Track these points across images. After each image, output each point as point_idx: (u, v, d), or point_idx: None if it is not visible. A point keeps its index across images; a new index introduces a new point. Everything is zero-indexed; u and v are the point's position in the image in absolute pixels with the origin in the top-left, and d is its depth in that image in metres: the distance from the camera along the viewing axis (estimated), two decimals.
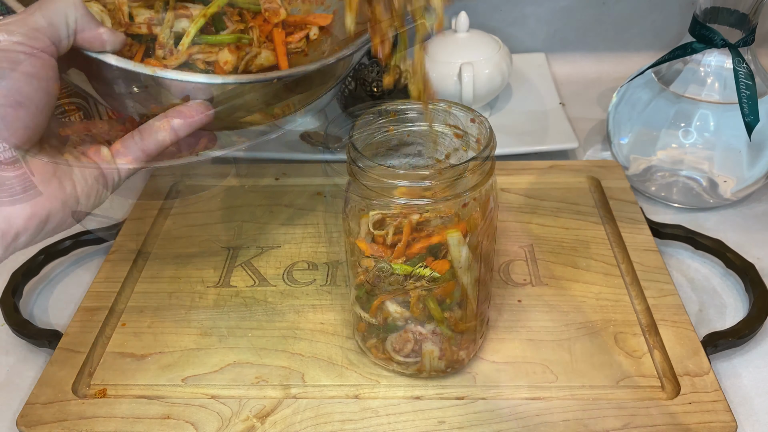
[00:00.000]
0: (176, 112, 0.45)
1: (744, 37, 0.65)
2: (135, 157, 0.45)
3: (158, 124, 0.45)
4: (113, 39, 0.43)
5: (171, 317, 0.60)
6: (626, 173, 0.74)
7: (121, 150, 0.45)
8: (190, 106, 0.45)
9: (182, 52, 0.53)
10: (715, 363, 0.56)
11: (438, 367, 0.52)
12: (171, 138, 0.45)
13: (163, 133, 0.45)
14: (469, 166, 0.44)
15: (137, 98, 0.46)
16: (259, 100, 0.47)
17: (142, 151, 0.45)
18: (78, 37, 0.41)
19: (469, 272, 0.48)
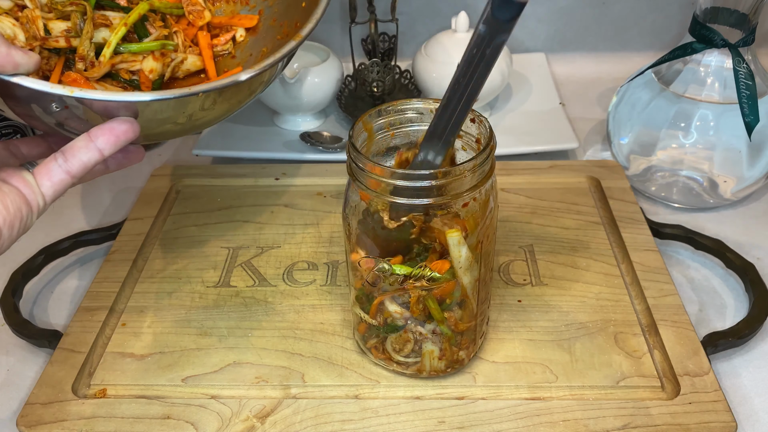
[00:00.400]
0: (100, 130, 0.43)
1: (744, 37, 0.65)
2: (60, 180, 0.43)
3: (81, 145, 0.42)
4: (26, 61, 0.40)
5: (171, 317, 0.60)
6: (626, 173, 0.74)
7: (45, 173, 0.43)
8: (114, 123, 0.43)
9: (104, 63, 0.52)
10: (715, 363, 0.56)
11: (438, 367, 0.52)
12: (96, 158, 0.43)
13: (88, 154, 0.42)
14: (469, 166, 0.43)
15: (58, 117, 0.44)
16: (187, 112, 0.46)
17: (66, 173, 0.43)
18: None
19: (469, 272, 0.48)
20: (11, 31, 0.50)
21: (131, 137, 0.43)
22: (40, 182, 0.42)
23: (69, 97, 0.40)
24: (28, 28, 0.51)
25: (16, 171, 0.43)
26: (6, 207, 0.41)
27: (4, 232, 0.41)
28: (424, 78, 0.84)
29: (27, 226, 0.42)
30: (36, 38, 0.51)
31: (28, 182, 0.42)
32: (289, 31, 0.57)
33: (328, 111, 0.89)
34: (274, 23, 0.60)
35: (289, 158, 0.80)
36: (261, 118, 0.88)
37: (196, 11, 0.58)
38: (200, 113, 0.47)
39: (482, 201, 0.46)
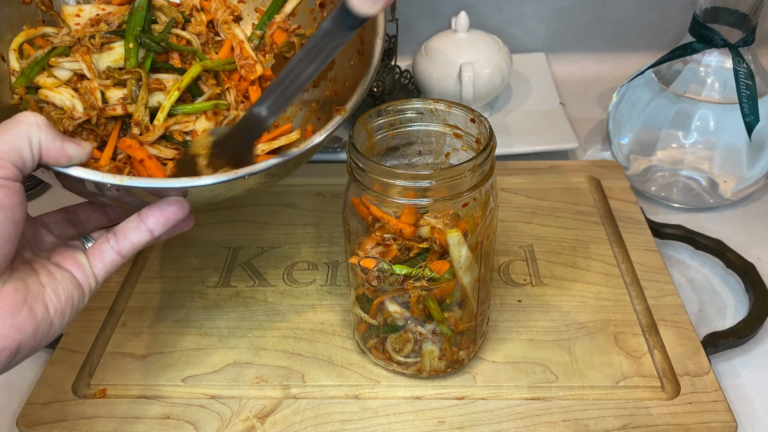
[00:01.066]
0: (150, 211, 0.43)
1: (744, 37, 0.65)
2: (111, 261, 0.43)
3: (132, 226, 0.43)
4: (79, 152, 0.41)
5: (171, 317, 0.60)
6: (626, 173, 0.74)
7: (97, 255, 0.43)
8: (164, 204, 0.43)
9: (158, 127, 0.53)
10: (715, 363, 0.56)
11: (438, 367, 0.52)
12: (147, 238, 0.43)
13: (139, 235, 0.43)
14: (469, 166, 0.43)
15: (110, 196, 0.45)
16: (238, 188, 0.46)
17: (117, 253, 0.43)
18: (43, 156, 0.39)
19: (469, 272, 0.48)
20: (70, 103, 0.52)
21: (181, 217, 0.44)
22: (92, 264, 0.43)
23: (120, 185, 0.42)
24: (86, 98, 0.53)
25: (70, 253, 0.43)
26: (58, 296, 0.41)
27: (56, 321, 0.40)
28: (424, 78, 0.84)
29: (78, 309, 0.42)
30: (94, 107, 0.52)
31: (82, 265, 0.43)
32: (338, 88, 0.57)
33: None
34: (324, 79, 0.60)
35: None
36: None
37: (248, 65, 0.59)
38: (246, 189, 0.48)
39: (482, 201, 0.46)
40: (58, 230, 0.47)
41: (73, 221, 0.48)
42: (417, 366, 0.52)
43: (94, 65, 0.53)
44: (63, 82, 0.53)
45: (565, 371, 0.53)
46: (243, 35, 0.60)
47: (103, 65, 0.54)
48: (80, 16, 0.56)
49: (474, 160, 0.44)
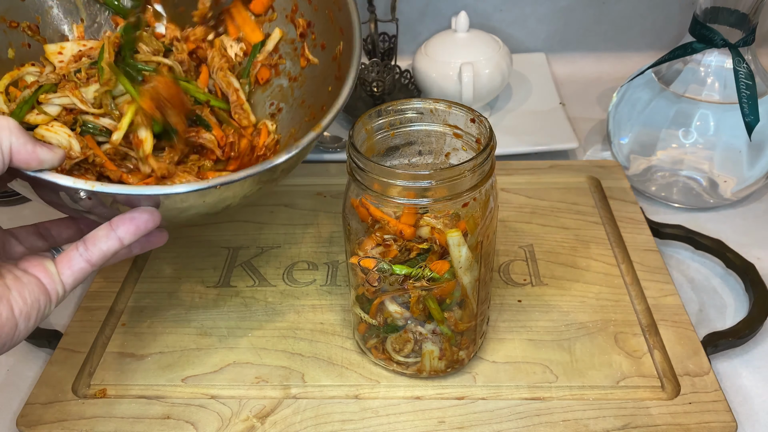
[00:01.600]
0: (121, 220, 0.43)
1: (744, 37, 0.65)
2: (80, 268, 0.43)
3: (102, 234, 0.43)
4: (51, 156, 0.41)
5: (171, 317, 0.60)
6: (626, 173, 0.74)
7: (66, 262, 0.43)
8: (135, 213, 0.44)
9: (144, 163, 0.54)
10: (715, 363, 0.56)
11: (438, 367, 0.52)
12: (116, 246, 0.43)
13: (108, 243, 0.43)
14: (469, 166, 0.43)
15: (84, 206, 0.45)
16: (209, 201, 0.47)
17: (86, 261, 0.43)
18: (14, 159, 0.39)
19: (469, 272, 0.48)
20: (66, 142, 0.52)
21: (151, 226, 0.44)
22: (60, 271, 0.43)
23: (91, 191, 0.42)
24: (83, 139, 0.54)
25: (38, 260, 0.43)
26: (24, 298, 0.41)
27: (20, 323, 0.41)
28: (424, 78, 0.84)
29: (45, 314, 0.43)
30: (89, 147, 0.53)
31: (49, 271, 0.43)
32: (316, 113, 0.59)
33: None
34: (302, 104, 0.62)
35: None
36: None
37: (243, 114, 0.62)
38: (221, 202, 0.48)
39: (482, 201, 0.46)
40: (28, 243, 0.48)
41: (45, 236, 0.49)
42: (417, 366, 0.52)
43: (86, 98, 0.55)
44: (53, 117, 0.54)
45: (565, 371, 0.53)
46: (238, 84, 0.62)
47: (91, 96, 0.55)
48: (63, 54, 0.58)
49: (474, 160, 0.44)
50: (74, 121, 0.54)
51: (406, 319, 0.50)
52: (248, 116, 0.62)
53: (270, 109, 0.64)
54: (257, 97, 0.65)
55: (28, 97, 0.54)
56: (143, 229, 0.44)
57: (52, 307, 0.43)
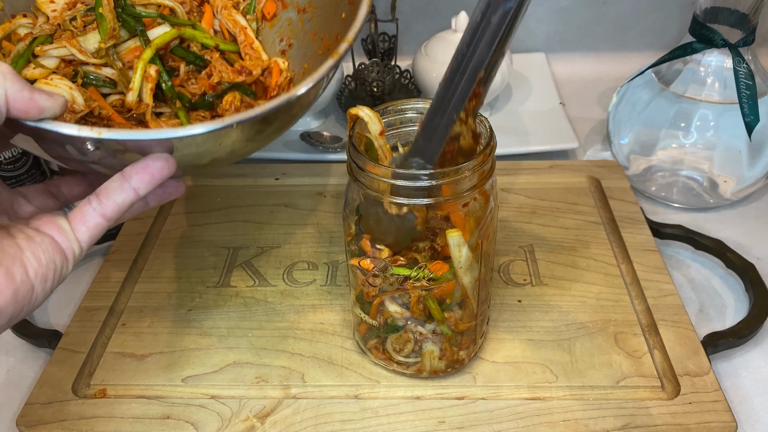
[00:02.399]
0: (134, 169, 0.40)
1: (744, 37, 0.65)
2: (95, 224, 0.40)
3: (115, 186, 0.40)
4: (51, 104, 0.38)
5: (171, 317, 0.60)
6: (626, 173, 0.74)
7: (80, 218, 0.40)
8: (149, 161, 0.41)
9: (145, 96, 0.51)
10: (715, 363, 0.56)
11: (438, 367, 0.52)
12: (131, 198, 0.41)
13: (123, 194, 0.40)
14: (469, 166, 0.43)
15: (93, 158, 0.42)
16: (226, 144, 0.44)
17: (101, 216, 0.40)
18: (11, 108, 0.37)
19: (469, 272, 0.48)
20: (69, 95, 0.49)
21: (167, 174, 0.41)
22: (75, 228, 0.40)
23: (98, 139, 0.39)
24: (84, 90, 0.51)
25: (50, 218, 0.41)
26: (38, 259, 0.38)
27: (37, 286, 0.38)
28: (424, 78, 0.84)
29: (62, 276, 0.40)
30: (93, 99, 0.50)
31: (63, 229, 0.40)
32: (330, 45, 0.55)
33: (328, 111, 0.89)
34: (314, 37, 0.58)
35: (289, 158, 0.80)
36: None
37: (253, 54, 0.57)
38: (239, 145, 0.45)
39: (482, 201, 0.46)
40: (38, 202, 0.45)
41: (55, 194, 0.47)
42: (417, 366, 0.52)
43: (84, 47, 0.51)
44: (52, 70, 0.50)
45: (565, 371, 0.53)
46: (245, 22, 0.58)
47: (91, 46, 0.51)
48: (55, 2, 0.53)
49: (474, 160, 0.44)
50: (75, 74, 0.51)
51: (406, 319, 0.50)
52: (260, 55, 0.57)
53: (280, 45, 0.60)
54: (265, 34, 0.60)
55: (23, 50, 0.50)
56: (158, 178, 0.41)
57: (70, 267, 0.41)
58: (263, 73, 0.57)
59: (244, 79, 0.55)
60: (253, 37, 0.58)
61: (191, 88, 0.55)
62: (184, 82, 0.55)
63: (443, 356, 0.52)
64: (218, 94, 0.54)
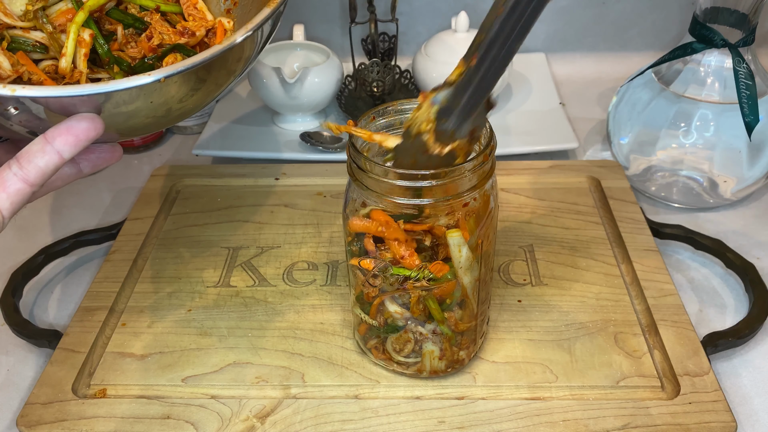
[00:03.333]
0: (57, 130, 0.38)
1: (744, 37, 0.65)
2: (16, 190, 0.38)
3: (37, 149, 0.38)
4: None
5: (171, 317, 0.60)
6: (626, 173, 0.74)
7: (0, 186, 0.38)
8: (72, 121, 0.38)
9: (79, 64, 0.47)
10: (715, 363, 0.56)
11: (438, 367, 0.52)
12: (56, 162, 0.38)
13: (45, 158, 0.38)
14: (469, 166, 0.43)
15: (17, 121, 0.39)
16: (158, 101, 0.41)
17: (23, 181, 0.38)
18: None
19: (469, 272, 0.48)
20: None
21: (93, 136, 0.38)
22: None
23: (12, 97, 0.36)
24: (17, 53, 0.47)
25: None
26: None
27: None
28: (424, 78, 0.84)
29: None
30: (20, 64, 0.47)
31: None
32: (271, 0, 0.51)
33: (328, 111, 0.89)
34: None
35: (289, 158, 0.80)
36: (261, 118, 0.88)
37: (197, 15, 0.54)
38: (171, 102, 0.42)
39: (482, 201, 0.46)
40: None
41: None
42: (417, 366, 0.52)
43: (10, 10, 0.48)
44: None
45: (565, 371, 0.53)
46: None
47: (17, 8, 0.48)
48: None
49: (474, 160, 0.44)
50: (1, 38, 0.48)
51: (406, 319, 0.50)
52: (204, 15, 0.54)
53: (225, 5, 0.57)
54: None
55: None
56: (84, 139, 0.38)
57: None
58: (207, 35, 0.54)
59: (186, 40, 0.52)
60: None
61: (130, 52, 0.52)
62: (123, 45, 0.52)
63: (443, 356, 0.52)
64: (159, 56, 0.51)
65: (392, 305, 0.50)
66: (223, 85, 0.46)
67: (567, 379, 0.53)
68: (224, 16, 0.55)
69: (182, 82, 0.40)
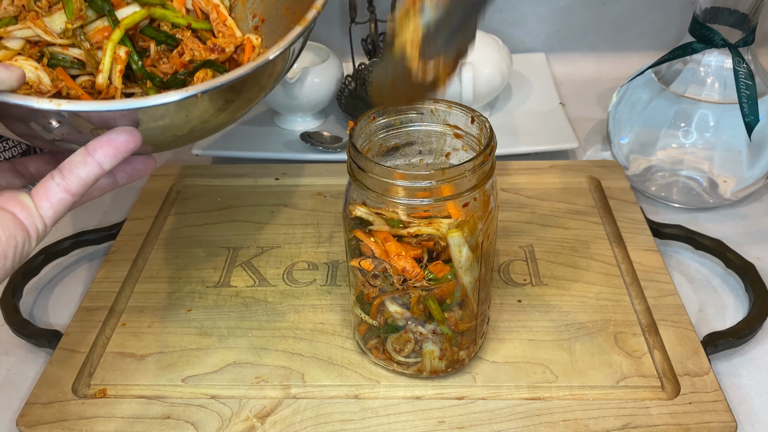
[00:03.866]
0: (98, 143, 0.40)
1: (744, 37, 0.65)
2: (59, 200, 0.40)
3: (78, 160, 0.39)
4: (8, 75, 0.38)
5: (171, 317, 0.60)
6: (626, 173, 0.74)
7: (42, 194, 0.39)
8: (113, 134, 0.40)
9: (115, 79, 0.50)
10: (715, 363, 0.56)
11: (438, 367, 0.52)
12: (96, 173, 0.40)
13: (87, 169, 0.39)
14: (469, 166, 0.43)
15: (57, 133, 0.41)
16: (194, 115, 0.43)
17: (65, 191, 0.39)
18: None
19: (469, 272, 0.48)
20: (35, 76, 0.48)
21: (132, 148, 0.40)
22: (38, 204, 0.40)
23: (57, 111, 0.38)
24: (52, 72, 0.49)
25: (12, 194, 0.40)
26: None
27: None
28: None
29: (25, 252, 0.40)
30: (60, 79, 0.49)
31: (25, 205, 0.39)
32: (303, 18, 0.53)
33: (328, 111, 0.89)
34: (287, 12, 0.57)
35: (289, 158, 0.80)
36: (261, 118, 0.88)
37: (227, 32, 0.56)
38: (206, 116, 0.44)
39: (482, 201, 0.46)
40: (3, 180, 0.44)
41: (22, 173, 0.46)
42: (417, 366, 0.52)
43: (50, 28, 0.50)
44: (17, 52, 0.49)
45: (565, 371, 0.53)
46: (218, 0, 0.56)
47: (57, 27, 0.50)
48: None
49: (474, 160, 0.44)
50: (41, 55, 0.50)
51: (406, 319, 0.50)
52: (233, 32, 0.56)
53: (253, 21, 0.59)
54: (237, 11, 0.59)
55: None
56: (123, 151, 0.40)
57: (33, 244, 0.40)
58: (236, 51, 0.56)
59: (216, 56, 0.54)
60: (226, 14, 0.56)
61: (163, 68, 0.54)
62: (156, 62, 0.54)
63: (443, 356, 0.52)
64: (190, 72, 0.53)
65: (392, 305, 0.50)
66: (255, 99, 0.48)
67: (567, 379, 0.53)
68: (252, 33, 0.58)
69: (216, 97, 0.42)
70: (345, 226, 0.50)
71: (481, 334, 0.54)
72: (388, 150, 0.51)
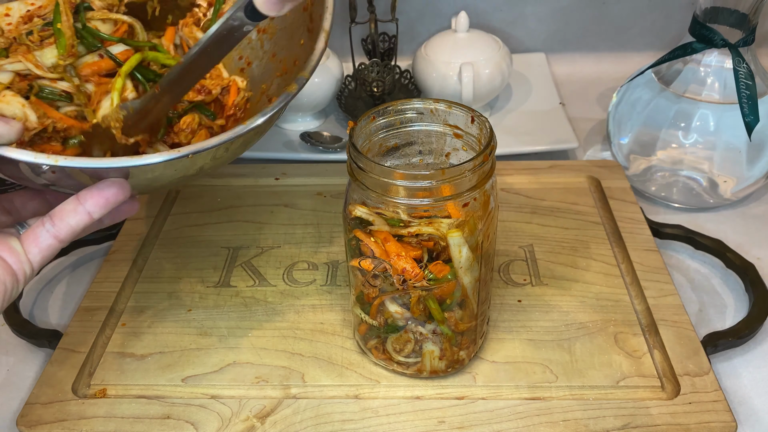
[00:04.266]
0: (89, 193, 0.41)
1: (744, 37, 0.65)
2: (47, 245, 0.41)
3: (69, 208, 0.41)
4: (7, 131, 0.39)
5: (171, 317, 0.60)
6: (626, 173, 0.74)
7: (32, 240, 0.41)
8: (103, 186, 0.42)
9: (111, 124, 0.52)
10: (715, 363, 0.56)
11: (438, 367, 0.52)
12: (86, 222, 0.41)
13: (77, 217, 0.41)
14: (469, 166, 0.43)
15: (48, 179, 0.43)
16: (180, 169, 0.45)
17: (54, 237, 0.41)
18: None
19: (469, 272, 0.48)
20: (21, 113, 0.49)
21: (121, 199, 0.42)
22: (27, 249, 0.41)
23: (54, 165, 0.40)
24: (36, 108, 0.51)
25: (2, 238, 0.41)
26: None
27: None
28: (424, 78, 0.84)
29: (11, 296, 0.41)
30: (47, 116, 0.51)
31: (15, 251, 0.41)
32: (288, 69, 0.56)
33: (328, 111, 0.89)
34: (273, 59, 0.59)
35: (289, 158, 0.80)
36: None
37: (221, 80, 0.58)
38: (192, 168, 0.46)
39: (482, 201, 0.46)
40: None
41: (8, 209, 0.47)
42: (417, 366, 0.52)
43: (41, 62, 0.51)
44: (6, 85, 0.51)
45: (565, 371, 0.53)
46: None
47: (48, 61, 0.52)
48: (10, 15, 0.54)
49: (474, 160, 0.44)
50: (29, 88, 0.51)
51: (406, 319, 0.50)
52: (221, 74, 0.58)
53: (239, 63, 0.61)
54: None
55: None
56: (113, 202, 0.42)
57: (20, 288, 0.41)
58: (221, 92, 0.58)
59: (203, 98, 0.57)
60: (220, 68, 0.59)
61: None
62: None
63: (443, 356, 0.52)
64: (179, 114, 0.56)
65: (392, 305, 0.50)
66: (239, 153, 0.51)
67: (567, 379, 0.53)
68: (238, 74, 0.60)
69: (204, 155, 0.44)
70: (345, 226, 0.50)
71: (481, 334, 0.54)
72: (388, 150, 0.51)
